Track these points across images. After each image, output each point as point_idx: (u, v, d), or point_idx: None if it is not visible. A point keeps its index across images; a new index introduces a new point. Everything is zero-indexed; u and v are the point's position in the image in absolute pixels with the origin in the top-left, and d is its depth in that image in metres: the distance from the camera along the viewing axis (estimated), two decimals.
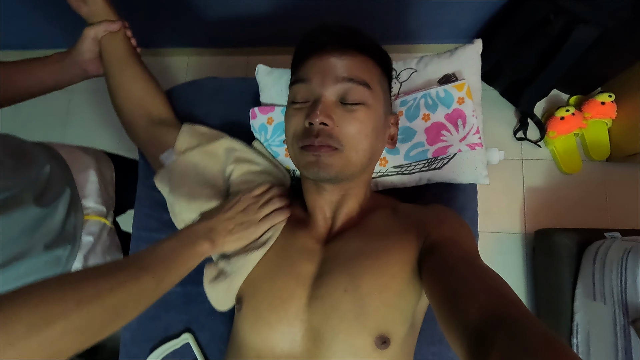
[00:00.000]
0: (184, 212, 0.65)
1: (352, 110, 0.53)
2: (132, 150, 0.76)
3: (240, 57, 1.51)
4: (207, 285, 0.61)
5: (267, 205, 0.61)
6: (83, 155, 0.76)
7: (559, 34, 1.05)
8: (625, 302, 0.85)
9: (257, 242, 0.60)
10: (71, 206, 0.67)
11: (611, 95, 1.23)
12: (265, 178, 0.68)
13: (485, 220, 0.73)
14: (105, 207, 0.75)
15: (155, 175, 0.69)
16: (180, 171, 0.67)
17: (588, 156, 1.31)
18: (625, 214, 1.25)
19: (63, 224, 0.65)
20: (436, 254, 0.49)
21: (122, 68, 0.69)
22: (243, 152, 0.70)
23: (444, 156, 0.68)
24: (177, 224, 0.67)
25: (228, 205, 0.60)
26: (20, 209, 0.56)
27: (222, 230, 0.57)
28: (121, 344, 0.74)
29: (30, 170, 0.60)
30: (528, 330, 0.33)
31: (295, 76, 0.58)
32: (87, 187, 0.73)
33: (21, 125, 1.57)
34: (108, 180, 0.80)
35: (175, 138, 0.68)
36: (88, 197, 0.72)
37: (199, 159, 0.68)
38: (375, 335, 0.49)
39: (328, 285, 0.52)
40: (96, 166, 0.76)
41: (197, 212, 0.64)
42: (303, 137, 0.54)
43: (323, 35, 0.56)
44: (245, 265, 0.58)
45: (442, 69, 0.70)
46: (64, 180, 0.67)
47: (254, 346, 0.53)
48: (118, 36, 0.69)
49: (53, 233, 0.63)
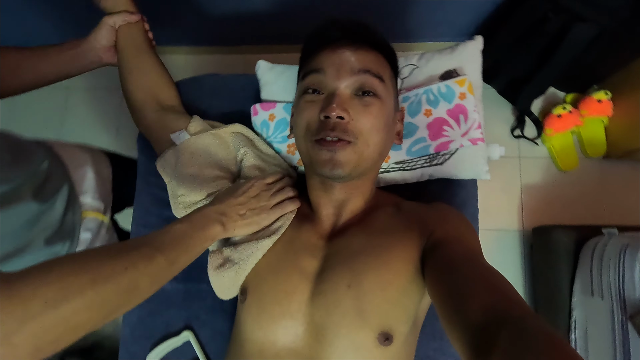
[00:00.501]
0: (189, 194, 0.64)
1: (366, 105, 0.53)
2: (130, 147, 0.76)
3: (238, 56, 1.50)
4: (212, 272, 0.60)
5: (280, 193, 0.61)
6: (80, 153, 0.76)
7: (557, 33, 1.06)
8: (623, 297, 0.86)
9: (268, 230, 0.59)
10: (69, 202, 0.66)
11: (607, 92, 1.24)
12: (275, 168, 0.68)
13: (484, 218, 0.73)
14: (103, 204, 0.75)
15: (158, 158, 0.68)
16: (190, 152, 0.66)
17: (585, 153, 1.32)
18: (622, 211, 1.26)
19: (62, 219, 0.64)
20: (439, 252, 0.49)
21: (136, 55, 0.70)
22: (255, 139, 0.70)
23: (445, 151, 0.68)
24: (176, 208, 0.65)
25: (240, 190, 0.59)
26: (19, 203, 0.56)
27: (234, 214, 0.56)
28: (121, 342, 0.74)
29: (29, 165, 0.59)
30: (531, 329, 0.33)
31: (307, 68, 0.57)
32: (85, 183, 0.72)
33: (18, 122, 1.54)
34: (105, 177, 0.79)
35: (186, 123, 0.68)
36: (86, 193, 0.72)
37: (210, 141, 0.68)
38: (377, 331, 0.49)
39: (331, 281, 0.52)
40: (93, 163, 0.76)
41: (204, 194, 0.63)
42: (317, 131, 0.53)
43: (335, 30, 0.56)
44: (255, 253, 0.58)
45: (444, 65, 0.70)
46: (61, 176, 0.67)
47: (256, 340, 0.53)
48: (136, 27, 0.69)
49: (52, 228, 0.62)
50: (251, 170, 0.67)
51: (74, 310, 0.36)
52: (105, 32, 0.68)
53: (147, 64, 0.70)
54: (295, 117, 0.58)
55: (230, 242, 0.62)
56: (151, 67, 0.71)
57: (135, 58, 0.70)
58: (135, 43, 0.70)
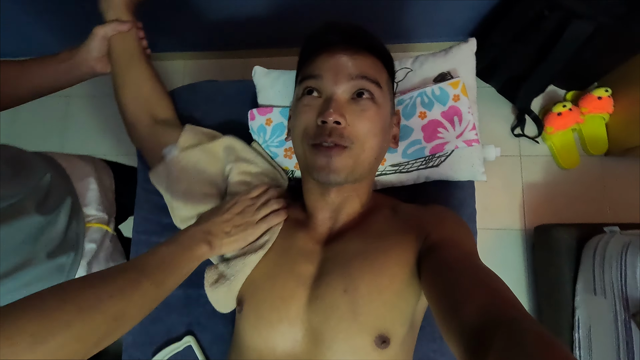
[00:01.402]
0: (181, 210, 0.65)
1: (363, 109, 0.53)
2: (131, 155, 0.77)
3: (236, 60, 1.51)
4: (207, 288, 0.61)
5: (265, 207, 0.62)
6: (82, 164, 0.76)
7: (554, 30, 1.05)
8: (625, 295, 0.86)
9: (255, 245, 0.60)
10: (72, 214, 0.67)
11: (608, 89, 1.24)
12: (262, 179, 0.69)
13: (485, 217, 0.73)
14: (107, 215, 0.76)
15: (150, 170, 0.69)
16: (180, 167, 0.67)
17: (586, 151, 1.31)
18: (624, 208, 1.26)
19: (65, 231, 0.65)
20: (435, 255, 0.49)
21: (128, 67, 0.69)
22: (242, 151, 0.70)
23: (441, 153, 0.68)
24: (175, 220, 0.67)
25: (225, 207, 0.61)
26: (22, 217, 0.56)
27: (220, 233, 0.57)
28: (123, 348, 0.75)
29: (30, 178, 0.60)
30: (526, 331, 0.33)
31: (304, 72, 0.57)
32: (88, 195, 0.73)
33: (19, 133, 1.57)
34: (108, 187, 0.80)
35: (178, 136, 0.68)
36: (89, 205, 0.72)
37: (199, 156, 0.68)
38: (374, 335, 0.49)
39: (328, 286, 0.52)
40: (95, 174, 0.76)
41: (195, 211, 0.64)
42: (314, 135, 0.53)
43: (333, 34, 0.56)
44: (243, 269, 0.58)
45: (438, 67, 0.70)
46: (64, 188, 0.68)
47: (255, 347, 0.53)
48: (128, 36, 0.69)
49: (56, 241, 0.63)
50: (237, 186, 0.67)
51: (61, 344, 0.36)
52: (96, 43, 0.68)
53: (140, 75, 0.70)
54: (293, 120, 0.58)
55: (224, 258, 0.62)
56: (144, 79, 0.70)
57: (128, 69, 0.69)
58: (128, 53, 0.69)
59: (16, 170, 0.58)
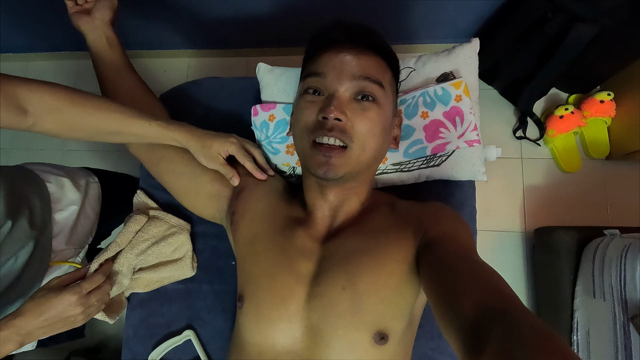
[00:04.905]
0: None
1: (364, 109, 0.54)
2: (131, 158, 0.76)
3: (240, 59, 1.52)
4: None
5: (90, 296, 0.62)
6: (72, 190, 0.73)
7: (557, 33, 1.05)
8: (624, 298, 0.86)
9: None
10: (33, 258, 0.64)
11: (610, 93, 1.24)
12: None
13: (486, 219, 0.73)
14: (77, 247, 0.74)
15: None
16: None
17: (587, 154, 1.31)
18: (624, 212, 1.26)
19: (19, 277, 0.62)
20: (433, 250, 0.49)
21: (118, 79, 0.70)
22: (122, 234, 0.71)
23: (442, 153, 0.68)
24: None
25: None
26: None
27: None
28: (123, 341, 0.75)
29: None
30: (523, 323, 0.33)
31: (309, 69, 0.58)
32: (63, 224, 0.70)
33: (20, 134, 1.57)
34: (91, 217, 0.77)
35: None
36: (59, 236, 0.69)
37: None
38: (373, 331, 0.49)
39: (326, 284, 0.52)
40: (82, 203, 0.74)
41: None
42: (315, 130, 0.54)
43: (339, 32, 0.56)
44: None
45: (440, 67, 0.71)
46: (28, 234, 0.63)
47: (255, 343, 0.54)
48: (115, 49, 0.70)
49: (6, 284, 0.60)
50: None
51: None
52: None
53: (130, 86, 0.71)
54: (295, 115, 0.59)
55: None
56: (134, 91, 0.71)
57: (119, 81, 0.70)
58: (117, 66, 0.70)
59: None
